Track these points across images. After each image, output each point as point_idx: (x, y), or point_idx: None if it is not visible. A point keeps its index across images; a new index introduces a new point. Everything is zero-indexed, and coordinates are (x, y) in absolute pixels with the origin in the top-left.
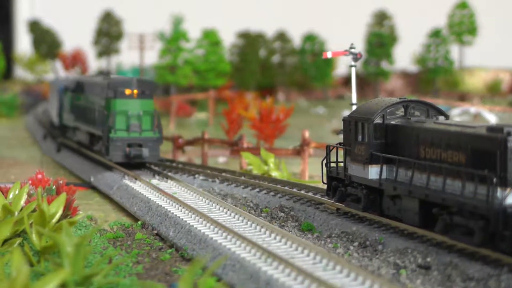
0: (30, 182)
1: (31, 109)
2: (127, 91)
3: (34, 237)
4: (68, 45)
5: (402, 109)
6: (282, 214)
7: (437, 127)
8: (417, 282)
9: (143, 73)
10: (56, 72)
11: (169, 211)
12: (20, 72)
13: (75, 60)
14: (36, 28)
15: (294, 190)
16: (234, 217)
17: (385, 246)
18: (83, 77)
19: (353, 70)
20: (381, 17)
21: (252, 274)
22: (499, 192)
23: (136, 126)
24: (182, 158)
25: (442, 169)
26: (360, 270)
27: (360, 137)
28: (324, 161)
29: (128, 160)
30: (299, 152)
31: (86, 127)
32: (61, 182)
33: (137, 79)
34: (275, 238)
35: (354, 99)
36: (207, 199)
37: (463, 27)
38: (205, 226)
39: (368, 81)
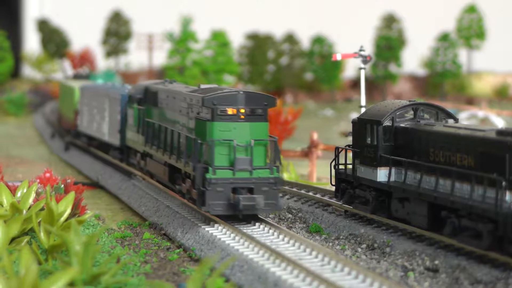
0: (38, 180)
1: (39, 108)
2: (231, 110)
3: (42, 235)
4: (77, 45)
5: (412, 112)
6: (290, 215)
7: (447, 130)
8: (425, 284)
9: (107, 78)
10: (64, 71)
11: (177, 212)
12: (28, 71)
13: (83, 59)
14: (44, 27)
15: (302, 191)
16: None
17: (393, 249)
18: (157, 84)
19: (362, 72)
20: (390, 20)
21: (260, 275)
22: (507, 196)
23: (244, 162)
24: None
25: (451, 172)
26: (368, 272)
27: (369, 140)
28: (333, 163)
29: (233, 212)
30: (307, 154)
31: (164, 156)
32: (69, 181)
33: (246, 93)
34: (283, 240)
35: (363, 101)
36: None
37: (471, 31)
38: (213, 227)
39: (376, 84)
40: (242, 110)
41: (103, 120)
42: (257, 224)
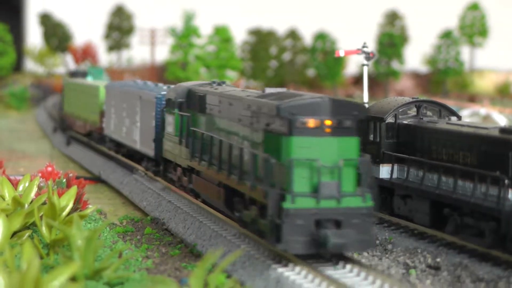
0: (40, 174)
1: (41, 102)
2: (313, 122)
3: (44, 229)
4: (79, 39)
5: (415, 109)
6: None
7: (450, 127)
8: (426, 282)
9: (95, 75)
10: (66, 65)
11: (179, 207)
12: (30, 65)
13: (86, 53)
14: (47, 21)
15: None
16: None
17: (395, 246)
18: (202, 85)
19: (365, 69)
20: (393, 17)
21: (262, 272)
22: (510, 194)
23: (331, 188)
24: None
25: (453, 170)
26: (370, 270)
27: (372, 136)
28: None
29: (316, 250)
30: None
31: (219, 176)
32: (71, 175)
33: (332, 100)
34: None
35: (365, 98)
36: None
37: (474, 28)
38: (215, 223)
39: (378, 81)
40: (328, 122)
41: (134, 125)
42: None
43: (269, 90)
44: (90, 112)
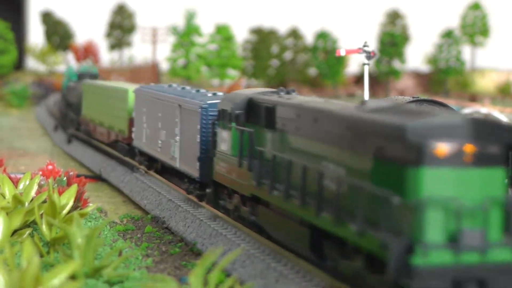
0: (40, 173)
1: (42, 100)
2: (450, 148)
3: (44, 228)
4: (81, 37)
5: None
6: None
7: None
8: None
9: (82, 74)
10: (67, 63)
11: (180, 206)
12: (31, 63)
13: (87, 52)
14: (48, 19)
15: None
16: None
17: None
18: (266, 94)
19: (366, 68)
20: (394, 16)
21: (262, 271)
22: (509, 193)
23: (474, 237)
24: None
25: None
26: None
27: None
28: None
29: None
30: None
31: (302, 212)
32: (71, 173)
33: (474, 120)
34: None
35: (366, 97)
36: None
37: (475, 28)
38: (215, 221)
39: (379, 80)
40: (469, 148)
41: (173, 139)
42: None
43: (372, 104)
44: (116, 119)
